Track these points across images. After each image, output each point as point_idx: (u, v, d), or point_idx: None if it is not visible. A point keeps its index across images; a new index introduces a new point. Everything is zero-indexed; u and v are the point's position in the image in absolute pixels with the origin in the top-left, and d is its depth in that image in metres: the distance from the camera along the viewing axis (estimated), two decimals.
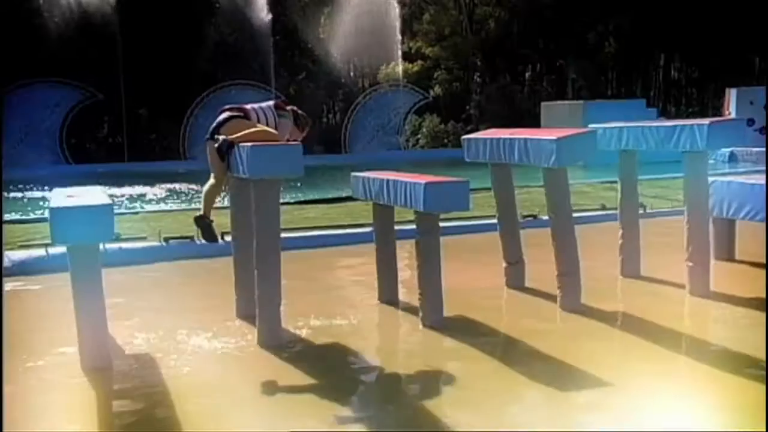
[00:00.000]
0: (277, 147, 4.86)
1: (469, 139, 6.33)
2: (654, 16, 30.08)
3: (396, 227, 5.97)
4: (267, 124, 5.40)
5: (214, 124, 5.40)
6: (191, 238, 8.02)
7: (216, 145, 5.23)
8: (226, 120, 5.34)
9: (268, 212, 4.80)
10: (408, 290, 5.93)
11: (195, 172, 16.80)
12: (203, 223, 5.50)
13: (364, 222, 8.49)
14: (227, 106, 5.57)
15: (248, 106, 5.55)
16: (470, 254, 7.59)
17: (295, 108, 5.80)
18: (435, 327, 5.12)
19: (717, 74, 33.27)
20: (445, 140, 29.31)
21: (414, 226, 5.30)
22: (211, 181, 5.53)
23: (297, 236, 8.33)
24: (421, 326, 5.21)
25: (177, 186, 16.39)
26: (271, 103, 5.77)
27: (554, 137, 5.25)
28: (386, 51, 29.04)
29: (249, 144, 4.81)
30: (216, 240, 5.70)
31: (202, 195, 5.61)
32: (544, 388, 4.00)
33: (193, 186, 15.86)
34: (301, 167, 4.79)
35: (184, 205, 12.93)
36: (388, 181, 5.37)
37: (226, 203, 5.94)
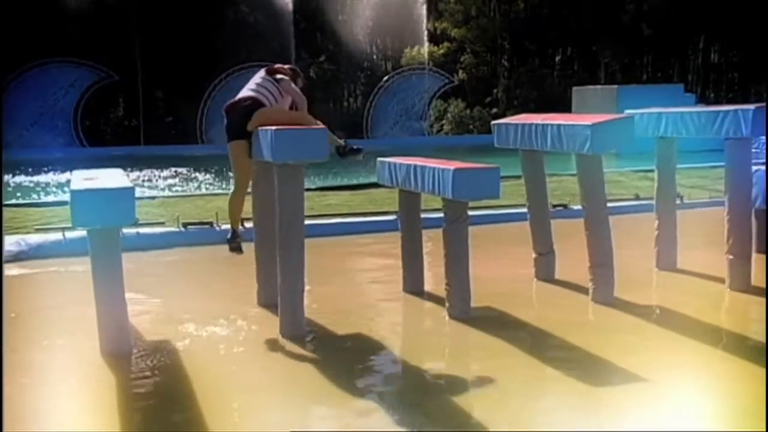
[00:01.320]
0: (302, 131, 4.88)
1: (499, 125, 6.30)
2: None
3: (422, 215, 5.98)
4: (276, 101, 5.38)
5: (229, 123, 5.33)
6: (210, 223, 8.10)
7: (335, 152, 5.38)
8: (246, 114, 5.24)
9: (293, 198, 4.83)
10: (434, 281, 5.95)
11: (213, 155, 16.98)
12: (233, 244, 5.56)
13: (388, 210, 8.52)
14: (231, 103, 5.43)
15: (251, 94, 5.38)
16: (499, 244, 7.58)
17: (283, 67, 5.67)
18: (462, 319, 5.14)
19: (760, 58, 32.75)
20: (471, 126, 29.21)
21: (441, 214, 5.31)
22: (233, 189, 5.52)
23: (318, 223, 8.37)
24: (447, 317, 5.23)
25: (195, 170, 16.52)
26: (262, 73, 5.57)
27: (589, 122, 5.21)
28: (411, 33, 29.00)
29: (273, 127, 4.83)
30: (240, 251, 5.65)
31: (228, 207, 5.59)
32: (575, 383, 3.99)
33: (212, 170, 15.99)
34: (326, 151, 4.82)
35: (202, 190, 13.03)
36: (415, 167, 5.38)
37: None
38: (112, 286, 4.47)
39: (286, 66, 5.73)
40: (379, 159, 6.02)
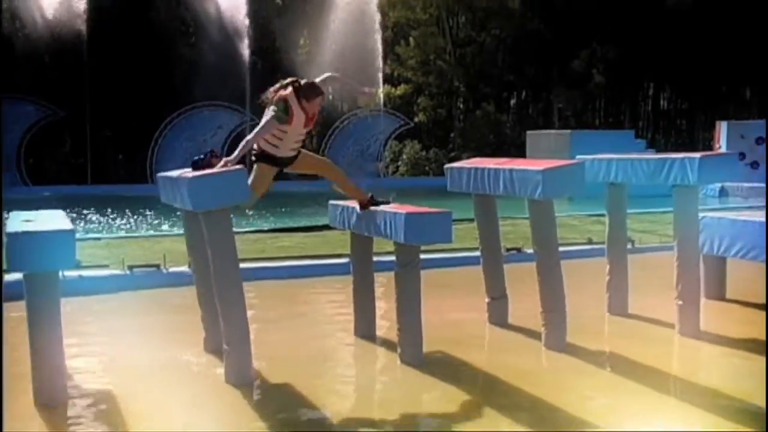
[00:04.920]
0: (216, 175, 4.75)
1: (452, 168, 6.37)
2: (642, 45, 30.73)
3: (375, 258, 5.98)
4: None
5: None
6: (157, 266, 7.95)
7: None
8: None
9: (223, 244, 4.73)
10: (386, 325, 5.92)
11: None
12: None
13: (342, 252, 8.49)
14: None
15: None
16: (451, 288, 7.60)
17: (286, 83, 5.30)
18: (413, 364, 5.11)
19: (707, 106, 34.02)
20: (427, 168, 29.54)
21: (394, 258, 5.31)
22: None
23: (270, 266, 8.29)
24: (398, 362, 5.19)
25: (143, 210, 16.26)
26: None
27: (541, 168, 5.30)
28: (367, 75, 29.33)
29: (189, 175, 4.74)
30: None
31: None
32: (523, 427, 3.99)
33: (160, 210, 15.75)
34: (247, 193, 4.77)
35: (150, 232, 12.82)
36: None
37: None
38: (49, 332, 4.33)
39: (299, 82, 5.31)
40: (331, 202, 6.01)
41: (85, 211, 15.92)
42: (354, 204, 5.65)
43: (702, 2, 29.54)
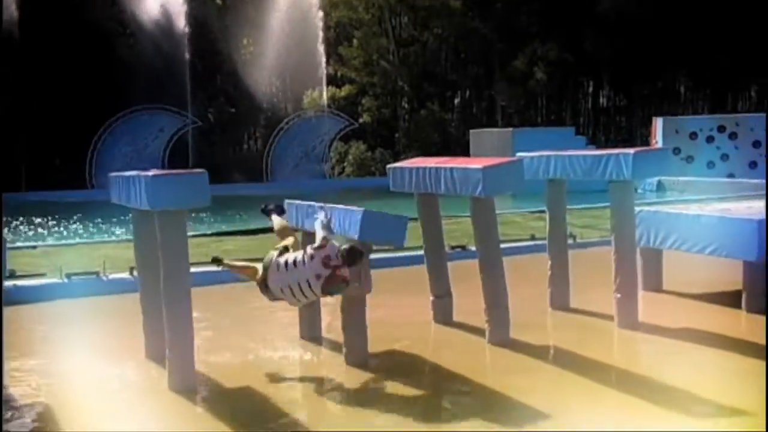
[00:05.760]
0: (181, 175, 4.78)
1: (394, 169, 6.41)
2: (580, 44, 31.39)
3: None
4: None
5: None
6: (96, 273, 7.79)
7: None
8: None
9: (176, 246, 4.69)
10: (331, 326, 5.91)
11: (102, 201, 16.37)
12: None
13: None
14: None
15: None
16: (395, 287, 7.62)
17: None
18: (359, 365, 5.12)
19: (645, 102, 34.93)
20: (372, 168, 29.58)
21: None
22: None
23: (213, 270, 8.17)
24: (344, 364, 5.20)
25: (83, 217, 15.88)
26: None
27: (480, 166, 5.38)
28: (311, 76, 29.23)
29: (150, 173, 4.73)
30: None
31: None
32: (473, 428, 4.04)
33: (100, 216, 15.43)
34: (208, 196, 4.74)
35: (90, 238, 12.53)
36: (323, 207, 5.37)
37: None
38: None
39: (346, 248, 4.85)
40: (287, 201, 5.97)
41: (20, 218, 15.46)
42: (308, 203, 5.62)
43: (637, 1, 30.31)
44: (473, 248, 7.87)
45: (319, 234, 4.89)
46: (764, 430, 3.46)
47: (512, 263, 6.11)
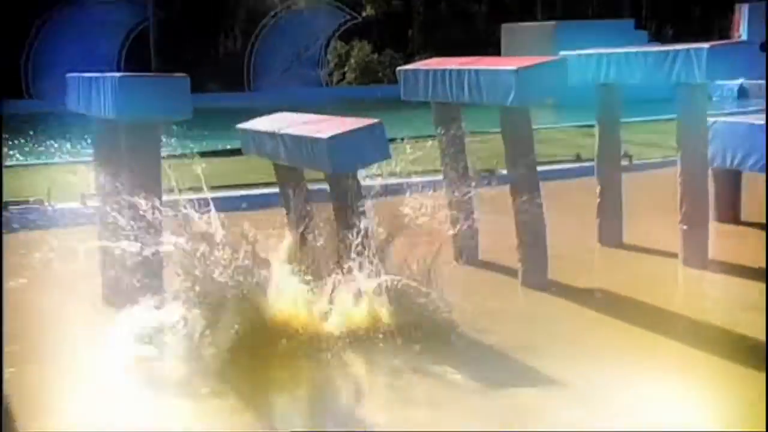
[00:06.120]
0: (157, 78, 4.80)
1: (406, 71, 6.38)
2: None
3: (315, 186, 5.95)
4: None
5: None
6: (41, 201, 7.91)
7: None
8: None
9: (146, 168, 4.70)
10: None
11: (41, 114, 16.42)
12: None
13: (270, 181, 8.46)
14: None
15: None
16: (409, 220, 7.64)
17: None
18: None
19: None
20: (380, 74, 29.36)
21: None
22: None
23: (185, 198, 8.21)
24: None
25: (17, 133, 15.88)
26: None
27: (514, 67, 5.32)
28: None
29: (118, 74, 4.73)
30: None
31: None
32: (489, 381, 4.12)
33: (41, 133, 15.45)
34: (189, 106, 4.72)
35: (28, 160, 12.57)
36: (284, 136, 5.28)
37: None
38: None
39: None
40: (239, 126, 5.93)
41: None
42: (266, 128, 5.56)
43: None
44: (503, 171, 7.88)
45: None
46: (764, 430, 3.54)
47: (553, 188, 6.10)
